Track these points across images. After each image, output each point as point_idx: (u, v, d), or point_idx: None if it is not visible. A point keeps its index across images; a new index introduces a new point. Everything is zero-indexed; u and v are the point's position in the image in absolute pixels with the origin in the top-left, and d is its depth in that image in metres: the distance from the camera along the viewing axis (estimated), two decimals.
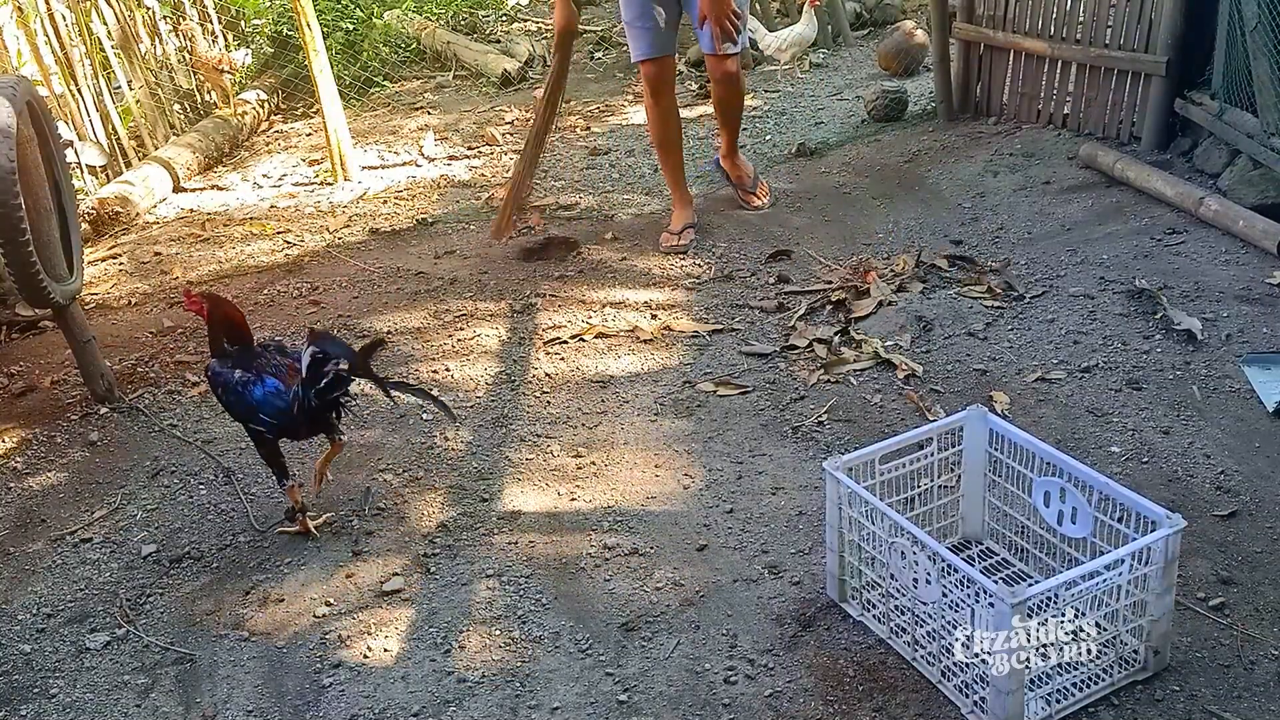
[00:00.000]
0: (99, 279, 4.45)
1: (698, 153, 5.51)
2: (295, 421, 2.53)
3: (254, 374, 2.55)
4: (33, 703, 2.23)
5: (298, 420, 2.52)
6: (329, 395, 2.48)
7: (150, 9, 6.10)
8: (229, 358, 2.61)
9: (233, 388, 2.56)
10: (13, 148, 2.93)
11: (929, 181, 4.68)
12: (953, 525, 2.43)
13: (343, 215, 4.98)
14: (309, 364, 2.45)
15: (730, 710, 2.06)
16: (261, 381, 2.53)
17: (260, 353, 2.62)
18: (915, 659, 2.11)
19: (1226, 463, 2.64)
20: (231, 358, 2.61)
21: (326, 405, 2.52)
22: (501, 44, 7.72)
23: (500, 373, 3.38)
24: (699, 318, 3.64)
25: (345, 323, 3.78)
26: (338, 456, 2.74)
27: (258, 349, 2.64)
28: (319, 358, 2.45)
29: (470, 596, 2.42)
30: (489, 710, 2.11)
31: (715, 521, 2.61)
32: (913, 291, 3.61)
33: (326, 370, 2.44)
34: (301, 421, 2.53)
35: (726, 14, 3.87)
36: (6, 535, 2.78)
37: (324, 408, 2.52)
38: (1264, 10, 3.58)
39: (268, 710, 2.15)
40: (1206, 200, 3.81)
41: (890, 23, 7.36)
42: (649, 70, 4.22)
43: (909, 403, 3.03)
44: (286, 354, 2.62)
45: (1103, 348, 3.18)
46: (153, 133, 5.85)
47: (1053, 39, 4.82)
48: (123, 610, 2.46)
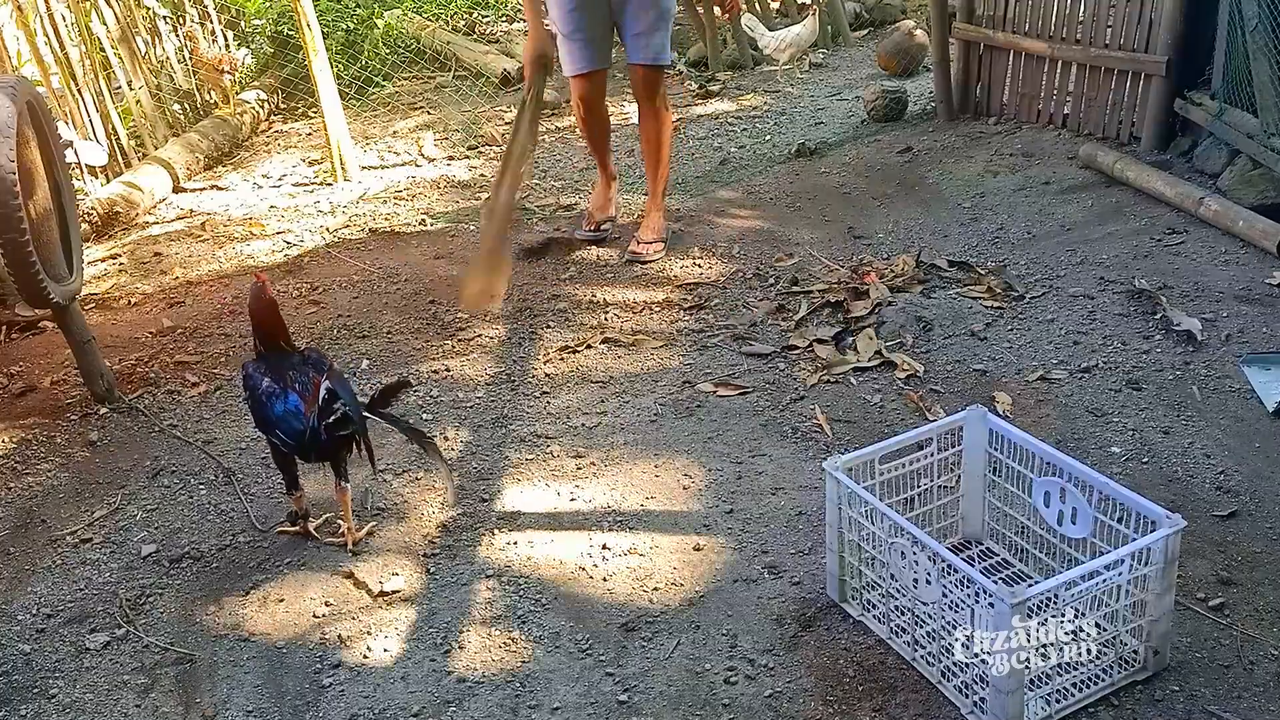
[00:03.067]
0: (99, 279, 4.45)
1: (697, 153, 5.52)
2: (306, 447, 2.48)
3: (281, 387, 2.49)
4: (32, 703, 2.22)
5: (308, 446, 2.48)
6: (336, 432, 2.43)
7: (150, 9, 6.10)
8: (266, 360, 2.56)
9: (258, 396, 2.52)
10: (13, 147, 2.93)
11: (929, 181, 4.68)
12: (953, 525, 2.43)
13: (343, 215, 4.98)
14: (324, 397, 2.42)
15: (730, 710, 2.06)
16: (285, 397, 2.48)
17: (297, 362, 2.55)
18: (915, 659, 2.11)
19: (1226, 463, 2.64)
20: (269, 360, 2.56)
21: (336, 441, 2.47)
22: (501, 44, 7.72)
23: (500, 373, 3.38)
24: (699, 318, 3.64)
25: (345, 323, 3.78)
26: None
27: (296, 357, 2.58)
28: (331, 392, 2.42)
29: (470, 596, 2.42)
30: (489, 710, 2.11)
31: (715, 521, 2.61)
32: (913, 292, 3.61)
33: (336, 407, 2.41)
34: (310, 448, 2.48)
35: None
36: (6, 535, 2.77)
37: (333, 443, 2.47)
38: (1264, 10, 3.59)
39: (267, 710, 2.15)
40: (1206, 200, 3.81)
41: (890, 23, 7.37)
42: (583, 85, 4.09)
43: (909, 403, 3.03)
44: (321, 369, 2.54)
45: (1103, 348, 3.18)
46: (153, 133, 5.84)
47: (1053, 39, 4.83)
48: (123, 610, 2.46)
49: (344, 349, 3.59)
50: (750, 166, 5.22)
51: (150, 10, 6.08)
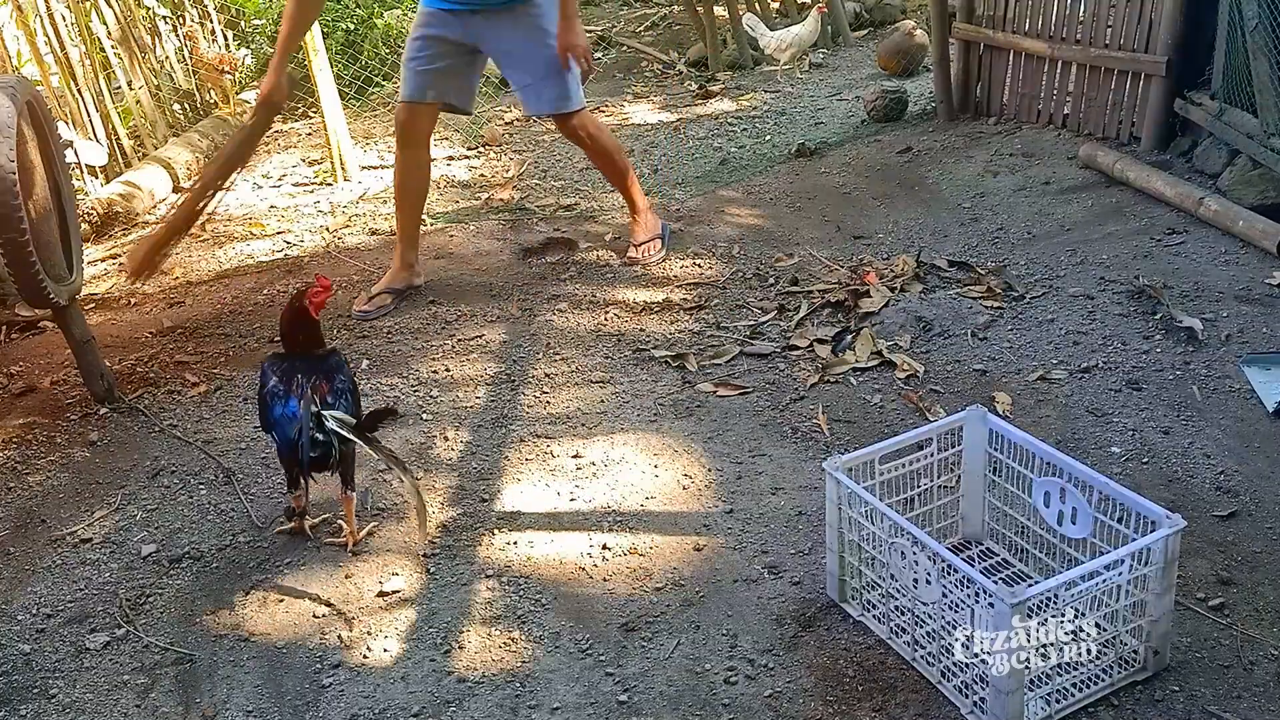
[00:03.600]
0: (99, 279, 4.45)
1: (697, 153, 5.53)
2: (294, 455, 2.45)
3: (284, 388, 2.45)
4: (32, 703, 2.22)
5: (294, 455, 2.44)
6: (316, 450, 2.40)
7: (150, 9, 6.10)
8: (283, 359, 2.52)
9: (264, 393, 2.50)
10: (13, 147, 2.93)
11: (929, 181, 4.69)
12: (953, 525, 2.43)
13: (343, 215, 4.98)
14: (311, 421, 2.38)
15: (730, 710, 2.06)
16: (286, 401, 2.44)
17: (314, 365, 2.50)
18: (915, 659, 2.11)
19: (1226, 463, 2.64)
20: (287, 360, 2.52)
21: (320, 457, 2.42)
22: None
23: (500, 373, 3.38)
24: (699, 318, 3.64)
25: (345, 323, 3.78)
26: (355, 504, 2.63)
27: (316, 357, 2.54)
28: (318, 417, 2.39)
29: (470, 596, 2.42)
30: (489, 710, 2.11)
31: (715, 521, 2.61)
32: (913, 292, 3.62)
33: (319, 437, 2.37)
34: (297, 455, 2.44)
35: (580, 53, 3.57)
36: (6, 535, 2.77)
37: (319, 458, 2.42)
38: (1264, 10, 3.58)
39: (267, 710, 2.15)
40: (1206, 200, 3.81)
41: (890, 23, 7.38)
42: (401, 114, 3.79)
43: (909, 403, 3.03)
44: (332, 376, 2.49)
45: (1103, 348, 3.18)
46: (153, 132, 5.84)
47: (1053, 39, 4.83)
48: (122, 610, 2.46)
49: (344, 349, 3.58)
50: (750, 166, 5.22)
51: (150, 10, 6.08)
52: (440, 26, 3.65)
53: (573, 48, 3.59)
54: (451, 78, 3.73)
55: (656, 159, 5.47)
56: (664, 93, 6.86)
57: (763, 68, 7.08)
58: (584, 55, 3.64)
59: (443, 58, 3.68)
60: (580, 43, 3.61)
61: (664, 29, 8.23)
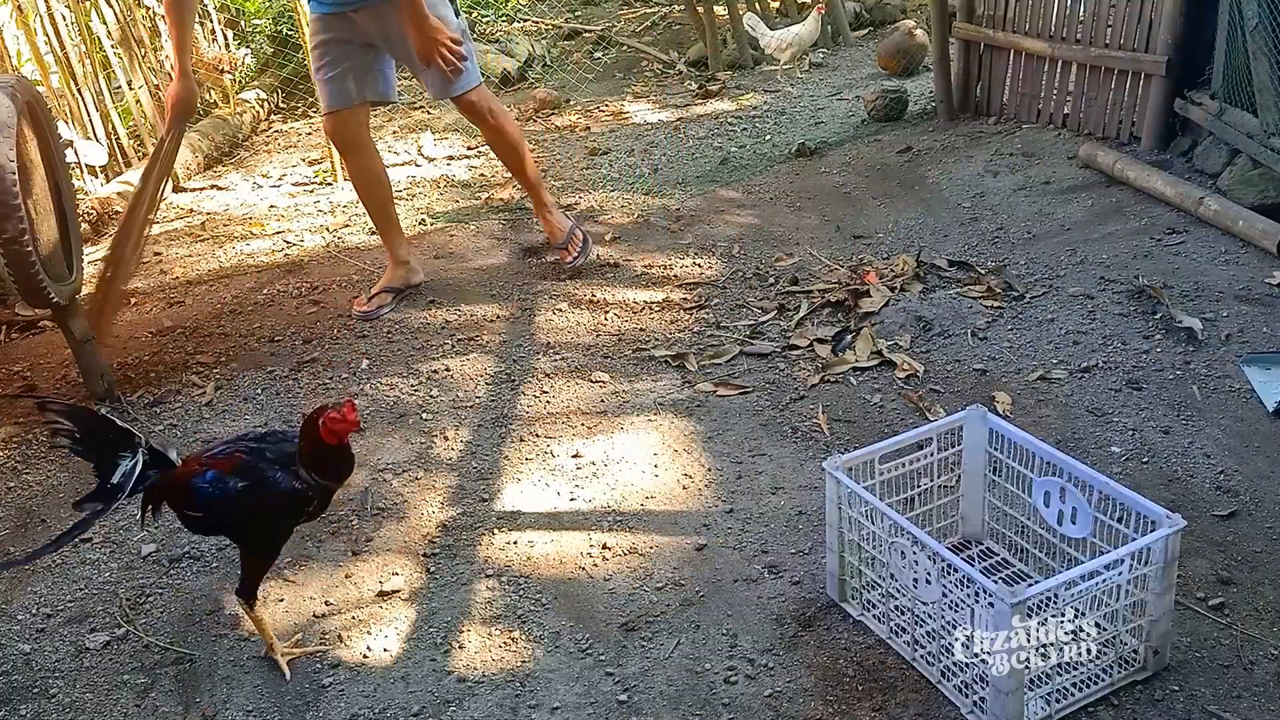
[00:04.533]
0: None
1: (697, 153, 5.52)
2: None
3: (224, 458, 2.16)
4: (32, 703, 2.22)
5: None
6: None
7: (150, 9, 6.10)
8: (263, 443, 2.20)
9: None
10: (13, 147, 2.93)
11: (929, 181, 4.68)
12: (953, 525, 2.43)
13: (343, 215, 4.97)
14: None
15: (730, 710, 2.06)
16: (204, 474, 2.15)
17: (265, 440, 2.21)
18: (915, 659, 2.11)
19: (1226, 463, 2.64)
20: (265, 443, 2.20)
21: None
22: (501, 44, 7.72)
23: (500, 373, 3.38)
24: (699, 318, 3.64)
25: (345, 323, 3.78)
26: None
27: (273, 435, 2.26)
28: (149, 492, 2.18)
29: (470, 596, 2.42)
30: (489, 710, 2.11)
31: (715, 521, 2.61)
32: (913, 291, 3.62)
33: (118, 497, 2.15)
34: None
35: (438, 50, 3.46)
36: (6, 535, 2.77)
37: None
38: (1264, 10, 3.58)
39: (267, 710, 2.15)
40: (1206, 200, 3.81)
41: (890, 22, 7.37)
42: (328, 125, 3.80)
43: (909, 403, 3.03)
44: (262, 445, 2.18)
45: (1103, 348, 3.18)
46: (153, 132, 5.84)
47: (1053, 39, 4.83)
48: (122, 610, 2.46)
49: (344, 349, 3.59)
50: (750, 166, 5.22)
51: (150, 10, 6.07)
52: (333, 30, 3.64)
53: (426, 49, 3.49)
54: (363, 75, 3.70)
55: (656, 159, 5.47)
56: (664, 92, 6.86)
57: (763, 67, 7.08)
58: (444, 47, 3.51)
59: (346, 58, 3.65)
60: (434, 37, 3.48)
61: (664, 29, 8.23)
